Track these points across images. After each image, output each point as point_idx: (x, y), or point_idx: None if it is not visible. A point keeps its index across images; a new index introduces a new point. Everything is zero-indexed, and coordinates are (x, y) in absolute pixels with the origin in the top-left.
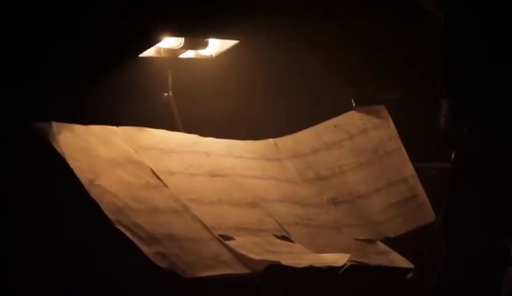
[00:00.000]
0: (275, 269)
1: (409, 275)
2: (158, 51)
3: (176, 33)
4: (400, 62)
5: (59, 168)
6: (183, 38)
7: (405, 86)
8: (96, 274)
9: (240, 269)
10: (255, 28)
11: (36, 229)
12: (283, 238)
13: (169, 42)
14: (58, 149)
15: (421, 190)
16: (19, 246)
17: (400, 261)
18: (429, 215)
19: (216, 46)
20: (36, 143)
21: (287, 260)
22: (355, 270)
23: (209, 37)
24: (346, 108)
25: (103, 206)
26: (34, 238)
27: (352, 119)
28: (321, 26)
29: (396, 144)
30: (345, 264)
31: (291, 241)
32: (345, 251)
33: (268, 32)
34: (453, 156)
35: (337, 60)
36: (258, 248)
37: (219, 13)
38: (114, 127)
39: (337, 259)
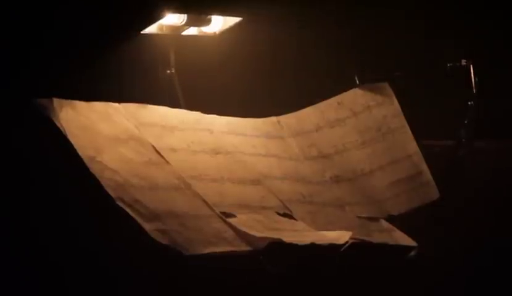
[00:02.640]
0: (277, 247)
1: (412, 253)
2: (161, 28)
3: (179, 10)
4: (404, 39)
5: (60, 144)
6: (186, 15)
7: (409, 63)
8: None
9: (242, 246)
10: (258, 5)
11: (37, 210)
12: (285, 215)
13: (172, 19)
14: (59, 125)
15: (425, 167)
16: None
17: (403, 238)
18: (433, 193)
19: (219, 23)
20: (37, 119)
21: (288, 238)
22: (357, 247)
23: (212, 14)
24: (350, 86)
25: (103, 183)
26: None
27: (355, 97)
28: (326, 2)
29: (400, 122)
30: (347, 242)
31: (293, 219)
32: (347, 229)
33: (271, 9)
34: None
35: (341, 37)
36: (260, 226)
37: None
38: (115, 104)
39: (339, 236)
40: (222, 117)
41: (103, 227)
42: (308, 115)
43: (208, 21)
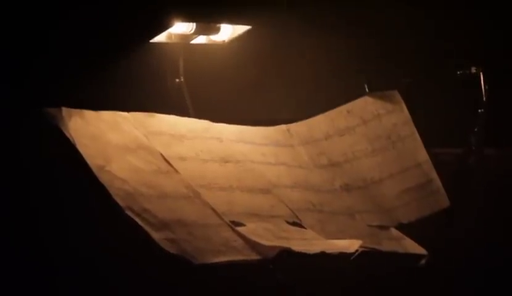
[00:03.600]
0: (286, 255)
1: (423, 262)
2: (170, 37)
3: (187, 19)
4: (414, 47)
5: (68, 154)
6: (194, 24)
7: (418, 70)
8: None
9: (251, 255)
10: (267, 13)
11: (44, 216)
12: (295, 224)
13: (181, 28)
14: (68, 134)
15: (435, 175)
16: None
17: (413, 247)
18: (443, 201)
19: (228, 32)
20: (45, 128)
21: (298, 246)
22: (367, 256)
23: (221, 22)
24: (360, 94)
25: (112, 192)
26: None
27: (365, 105)
28: (334, 11)
29: (410, 129)
30: (356, 250)
31: (303, 227)
32: (357, 237)
33: (280, 17)
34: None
35: (350, 45)
36: (270, 234)
37: None
38: (124, 113)
39: (349, 245)
40: (231, 125)
41: (111, 235)
42: (318, 123)
43: (217, 30)
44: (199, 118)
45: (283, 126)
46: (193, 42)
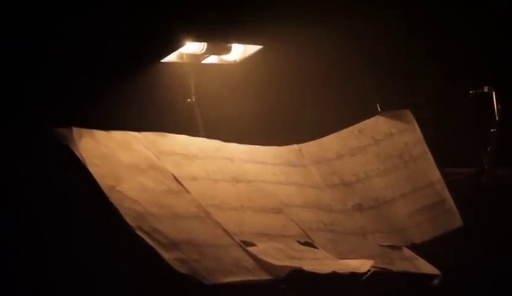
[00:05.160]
0: (297, 275)
1: (435, 282)
2: (181, 56)
3: (198, 38)
4: (426, 66)
5: (79, 174)
6: (205, 43)
7: (431, 90)
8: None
9: (262, 275)
10: (278, 33)
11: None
12: (306, 244)
13: (192, 48)
14: (78, 154)
15: (447, 195)
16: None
17: (425, 267)
18: (456, 220)
19: (239, 51)
20: (56, 148)
21: (309, 266)
22: (378, 276)
23: (232, 42)
24: (372, 113)
25: (123, 212)
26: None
27: (377, 124)
28: (345, 31)
29: (422, 149)
30: (368, 270)
31: (314, 247)
32: (369, 257)
33: (291, 37)
34: None
35: (362, 64)
36: (281, 254)
37: (242, 19)
38: (135, 133)
39: (360, 265)
40: (242, 145)
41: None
42: (330, 143)
43: (228, 50)
44: (210, 137)
45: (295, 146)
46: (204, 61)
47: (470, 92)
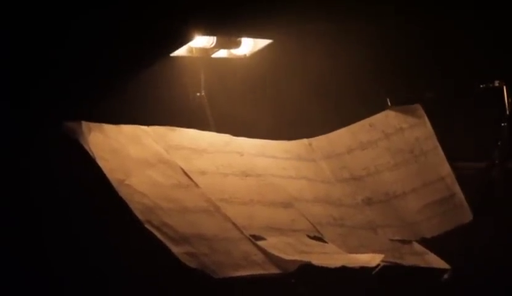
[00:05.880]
0: (307, 270)
1: (445, 276)
2: (190, 50)
3: (208, 32)
4: (436, 60)
5: (89, 168)
6: (215, 37)
7: (441, 84)
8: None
9: (271, 269)
10: (288, 27)
11: (66, 228)
12: (316, 238)
13: (201, 42)
14: (88, 149)
15: (458, 189)
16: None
17: (436, 261)
18: (466, 215)
19: (249, 45)
20: (66, 142)
21: (319, 260)
22: (388, 270)
23: (242, 36)
24: (382, 108)
25: (132, 206)
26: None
27: (387, 119)
28: (355, 25)
29: (433, 143)
30: (378, 265)
31: (324, 241)
32: (379, 252)
33: (301, 31)
34: None
35: (372, 58)
36: (290, 249)
37: (252, 12)
38: (144, 127)
39: (370, 259)
40: (252, 139)
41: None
42: (340, 137)
43: (238, 44)
44: (220, 131)
45: (305, 140)
46: (214, 56)
47: (481, 86)
